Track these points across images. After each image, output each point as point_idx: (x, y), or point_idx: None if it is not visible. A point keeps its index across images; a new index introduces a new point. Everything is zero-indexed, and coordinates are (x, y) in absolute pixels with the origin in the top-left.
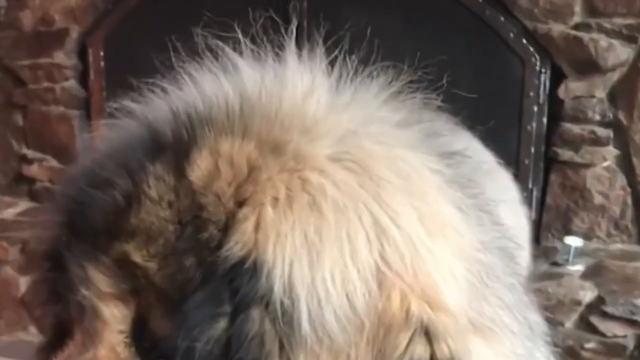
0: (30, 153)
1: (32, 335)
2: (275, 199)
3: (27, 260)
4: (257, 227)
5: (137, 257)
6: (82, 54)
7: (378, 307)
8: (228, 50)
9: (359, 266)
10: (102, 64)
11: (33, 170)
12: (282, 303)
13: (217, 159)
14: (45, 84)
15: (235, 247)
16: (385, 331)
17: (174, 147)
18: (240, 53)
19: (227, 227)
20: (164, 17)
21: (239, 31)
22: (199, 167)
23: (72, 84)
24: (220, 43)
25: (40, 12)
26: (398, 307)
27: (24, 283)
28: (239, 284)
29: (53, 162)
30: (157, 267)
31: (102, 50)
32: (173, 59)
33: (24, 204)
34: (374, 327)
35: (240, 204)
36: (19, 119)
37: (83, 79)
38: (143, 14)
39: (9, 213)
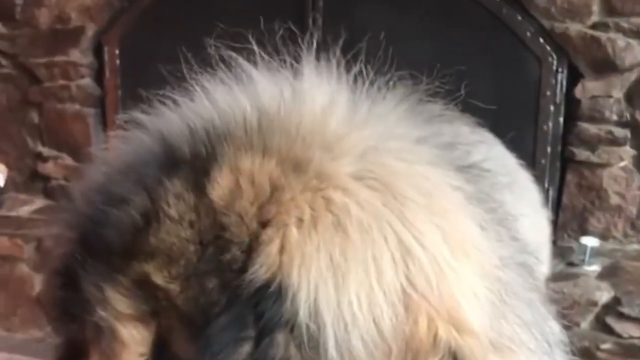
0: (45, 151)
1: (47, 333)
2: (300, 220)
3: (42, 258)
4: (282, 249)
5: (158, 279)
6: (97, 52)
7: (405, 332)
8: (243, 61)
9: (385, 289)
10: (118, 62)
11: (48, 168)
12: (307, 327)
13: (238, 177)
14: (61, 82)
15: (260, 270)
16: (413, 357)
17: (192, 163)
18: (256, 64)
19: (250, 249)
20: (179, 15)
21: (253, 41)
22: (220, 185)
23: (87, 82)
24: (235, 54)
25: (57, 10)
26: (425, 331)
27: (38, 281)
28: (264, 308)
29: (68, 160)
30: (179, 289)
31: (117, 49)
32: (188, 62)
33: (39, 202)
34: (401, 353)
35: (263, 224)
36: (34, 117)
37: (98, 77)
38: (158, 12)
39: (24, 211)
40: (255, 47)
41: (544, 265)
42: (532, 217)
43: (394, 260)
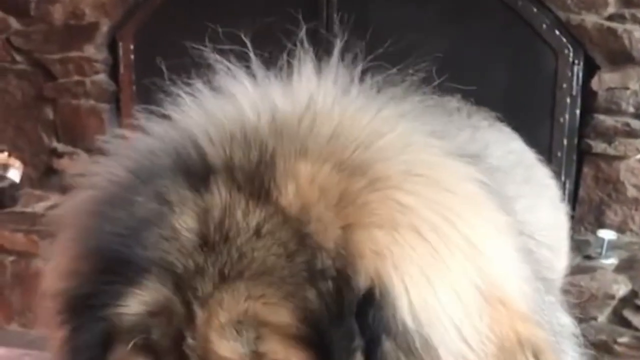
0: (60, 147)
1: None
2: (380, 224)
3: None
4: (375, 255)
5: (264, 310)
6: (112, 47)
7: (495, 331)
8: (257, 64)
9: (468, 288)
10: (132, 57)
11: (63, 163)
12: (412, 333)
13: (300, 183)
14: (76, 78)
15: (359, 278)
16: (507, 356)
17: (231, 172)
18: (270, 66)
19: (340, 255)
20: (194, 11)
21: (247, 43)
22: (287, 192)
23: (102, 77)
24: (248, 55)
25: (71, 6)
26: (509, 329)
27: None
28: (367, 317)
29: (83, 156)
30: (285, 311)
31: (132, 44)
32: (200, 59)
33: (54, 198)
34: (497, 352)
35: (345, 229)
36: (49, 113)
37: (113, 72)
38: (173, 7)
39: (40, 207)
40: (268, 48)
41: (563, 260)
42: (552, 214)
43: (465, 257)
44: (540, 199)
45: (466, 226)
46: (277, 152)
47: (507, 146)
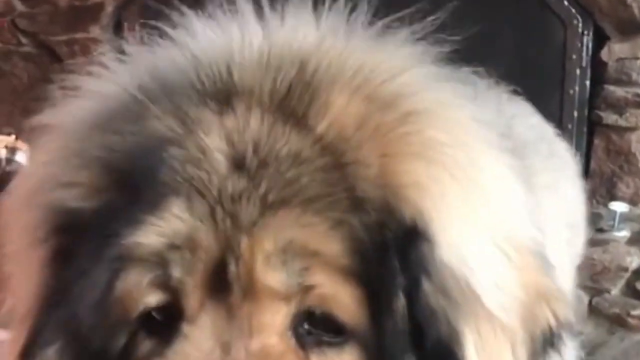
0: None
1: None
2: (418, 156)
3: None
4: (415, 187)
5: (304, 230)
6: (117, 28)
7: (521, 279)
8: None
9: (495, 232)
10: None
11: None
12: (450, 273)
13: (335, 113)
14: (82, 59)
15: (401, 209)
16: (530, 304)
17: (259, 97)
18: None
19: (380, 185)
20: None
21: None
22: (323, 122)
23: None
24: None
25: None
26: (529, 278)
27: None
28: (408, 253)
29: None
30: (329, 237)
31: (137, 24)
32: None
33: None
34: (523, 299)
35: (383, 159)
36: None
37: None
38: None
39: None
40: None
41: (581, 237)
42: (572, 190)
43: (491, 202)
44: (562, 173)
45: (489, 170)
46: (308, 81)
47: (528, 120)
